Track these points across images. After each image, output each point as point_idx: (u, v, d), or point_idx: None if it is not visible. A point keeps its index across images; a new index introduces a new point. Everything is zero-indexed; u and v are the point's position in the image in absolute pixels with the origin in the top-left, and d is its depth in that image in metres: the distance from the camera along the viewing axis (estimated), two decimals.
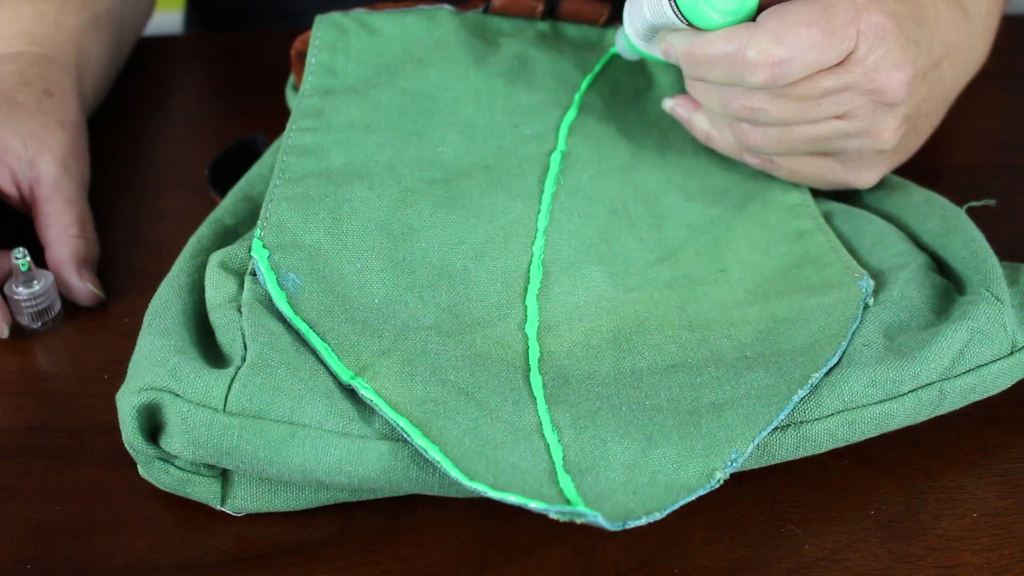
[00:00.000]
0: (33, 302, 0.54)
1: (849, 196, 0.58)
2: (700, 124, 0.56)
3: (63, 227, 0.57)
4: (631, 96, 0.60)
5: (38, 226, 0.58)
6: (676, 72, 0.62)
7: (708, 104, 0.54)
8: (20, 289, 0.54)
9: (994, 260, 0.50)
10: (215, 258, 0.49)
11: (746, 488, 0.47)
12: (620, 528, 0.40)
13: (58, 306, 0.55)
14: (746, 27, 0.49)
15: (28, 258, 0.54)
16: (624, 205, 0.55)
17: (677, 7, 0.49)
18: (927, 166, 0.61)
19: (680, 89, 0.61)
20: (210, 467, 0.45)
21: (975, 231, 0.53)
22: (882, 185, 0.58)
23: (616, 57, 0.62)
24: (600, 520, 0.40)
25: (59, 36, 0.65)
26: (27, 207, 0.59)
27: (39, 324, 0.55)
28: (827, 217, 0.56)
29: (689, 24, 0.49)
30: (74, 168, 0.60)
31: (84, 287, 0.56)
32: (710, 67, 0.51)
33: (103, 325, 0.56)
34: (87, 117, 0.67)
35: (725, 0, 0.49)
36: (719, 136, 0.56)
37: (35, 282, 0.54)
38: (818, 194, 0.58)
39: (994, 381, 0.48)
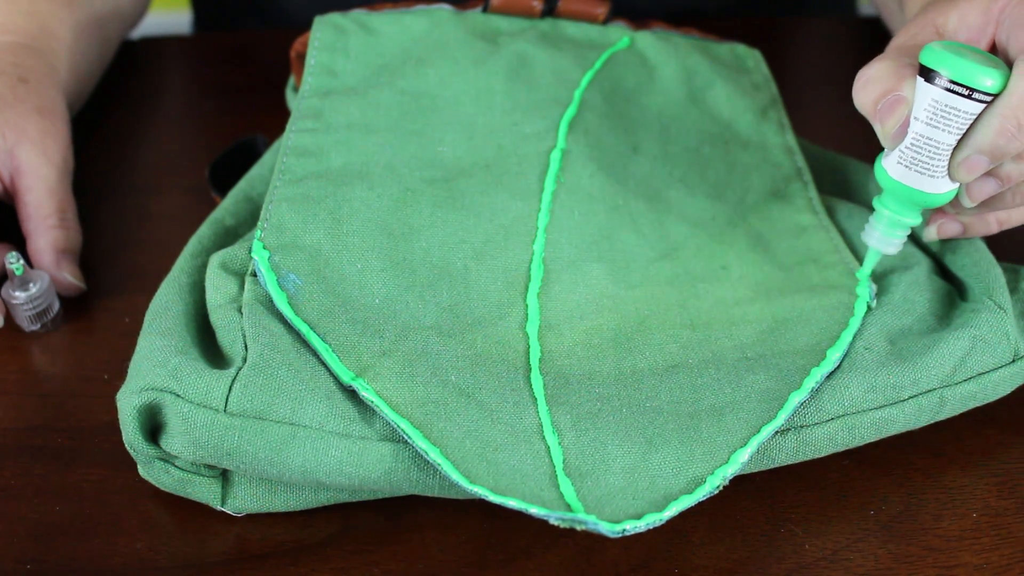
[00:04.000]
0: (31, 304, 0.54)
1: (852, 195, 0.58)
2: (980, 219, 0.52)
3: (42, 217, 0.57)
4: (632, 92, 0.60)
5: (19, 217, 0.57)
6: (677, 66, 0.61)
7: None
8: (17, 293, 0.53)
9: (997, 269, 0.50)
10: (216, 259, 0.49)
11: (746, 488, 0.47)
12: (619, 536, 0.40)
13: (57, 306, 0.55)
14: None
15: (22, 261, 0.53)
16: (625, 201, 0.55)
17: (982, 92, 0.45)
18: None
19: (683, 82, 0.61)
20: (210, 467, 0.45)
21: (978, 239, 0.53)
22: None
23: (616, 53, 0.62)
24: (601, 528, 0.40)
25: (32, 24, 0.65)
26: (10, 198, 0.59)
27: (39, 326, 0.55)
28: (830, 212, 0.56)
29: (992, 97, 0.46)
30: (55, 156, 0.59)
31: (63, 277, 0.56)
32: None
33: (103, 325, 0.56)
34: (73, 106, 0.66)
35: (986, 68, 0.45)
36: (1013, 213, 0.52)
37: (31, 284, 0.54)
38: (821, 188, 0.58)
39: (995, 388, 0.48)
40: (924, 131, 0.47)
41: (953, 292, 0.51)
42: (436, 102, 0.57)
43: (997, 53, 0.49)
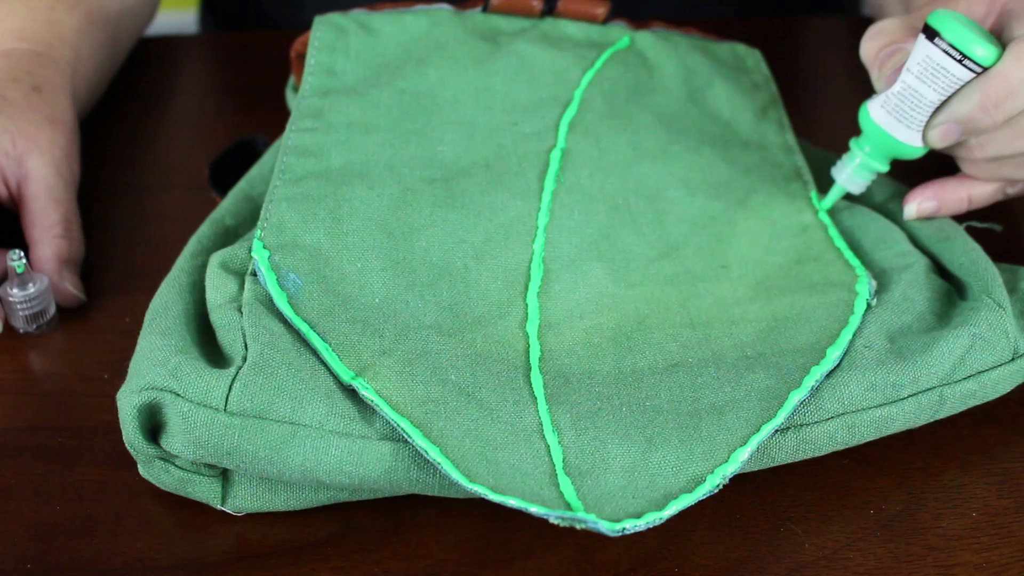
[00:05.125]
0: (27, 304, 0.54)
1: (850, 196, 0.58)
2: (953, 197, 0.54)
3: (47, 226, 0.57)
4: (632, 91, 0.60)
5: (23, 224, 0.58)
6: (677, 65, 0.62)
7: (1010, 147, 0.51)
8: (15, 291, 0.53)
9: (993, 268, 0.51)
10: (216, 258, 0.49)
11: (746, 488, 0.47)
12: (619, 535, 0.41)
13: (53, 309, 0.55)
14: None
15: (24, 260, 0.53)
16: (625, 201, 0.55)
17: (973, 60, 0.48)
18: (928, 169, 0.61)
19: (683, 82, 0.61)
20: (210, 467, 0.45)
21: (972, 240, 0.53)
22: (881, 189, 0.58)
23: (616, 53, 0.62)
24: (601, 526, 0.40)
25: (50, 33, 0.65)
26: (16, 205, 0.59)
27: (34, 327, 0.55)
28: (830, 211, 0.56)
29: (982, 69, 0.49)
30: (63, 166, 0.59)
31: (64, 287, 0.56)
32: (1015, 98, 0.49)
33: (103, 325, 0.56)
34: (81, 115, 0.66)
35: (983, 42, 0.48)
36: (983, 190, 0.54)
37: (30, 284, 0.54)
38: (822, 189, 0.58)
39: (994, 387, 0.48)
40: (912, 83, 0.51)
41: (952, 292, 0.51)
42: (436, 102, 0.57)
43: None
